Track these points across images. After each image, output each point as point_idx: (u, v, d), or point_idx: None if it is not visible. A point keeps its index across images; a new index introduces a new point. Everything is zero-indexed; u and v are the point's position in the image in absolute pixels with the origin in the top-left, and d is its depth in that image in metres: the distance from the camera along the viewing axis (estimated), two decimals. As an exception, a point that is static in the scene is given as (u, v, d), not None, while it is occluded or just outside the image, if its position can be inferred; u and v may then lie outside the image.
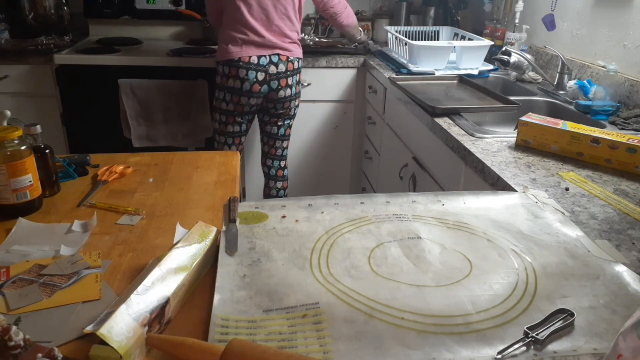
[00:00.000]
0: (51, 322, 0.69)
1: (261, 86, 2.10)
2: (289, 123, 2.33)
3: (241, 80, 2.07)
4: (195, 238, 0.80)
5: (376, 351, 0.64)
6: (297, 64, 2.18)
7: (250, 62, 2.05)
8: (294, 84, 2.19)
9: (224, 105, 2.17)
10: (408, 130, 1.94)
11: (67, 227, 0.94)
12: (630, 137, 1.22)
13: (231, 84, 2.09)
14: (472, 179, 1.32)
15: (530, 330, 0.68)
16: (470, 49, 2.19)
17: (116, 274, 0.80)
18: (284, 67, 2.13)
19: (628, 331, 0.53)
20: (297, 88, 2.22)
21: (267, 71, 2.09)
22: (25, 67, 2.41)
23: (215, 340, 0.65)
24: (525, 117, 1.35)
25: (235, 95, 2.11)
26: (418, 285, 0.77)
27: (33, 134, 1.02)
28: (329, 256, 0.84)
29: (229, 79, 2.09)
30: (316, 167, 2.79)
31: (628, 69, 1.74)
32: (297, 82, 2.21)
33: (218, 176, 1.18)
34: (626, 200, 1.07)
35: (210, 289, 0.76)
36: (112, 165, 1.18)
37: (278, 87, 2.14)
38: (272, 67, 2.09)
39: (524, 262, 0.84)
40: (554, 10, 2.12)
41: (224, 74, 2.10)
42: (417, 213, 0.99)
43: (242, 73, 2.06)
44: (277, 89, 2.14)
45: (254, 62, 2.06)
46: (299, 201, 1.03)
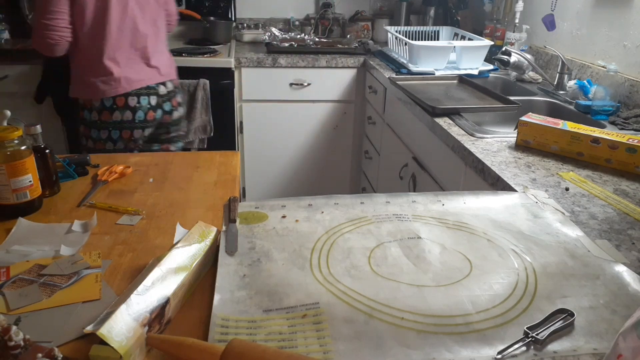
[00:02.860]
0: (51, 322, 0.69)
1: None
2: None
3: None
4: (195, 238, 0.80)
5: (376, 351, 0.64)
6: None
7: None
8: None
9: None
10: (408, 130, 1.94)
11: (67, 227, 0.94)
12: (630, 137, 1.22)
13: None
14: (472, 179, 1.32)
15: (530, 330, 0.68)
16: (470, 49, 2.19)
17: (116, 274, 0.80)
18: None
19: (628, 331, 0.53)
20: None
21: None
22: (25, 67, 2.41)
23: (215, 340, 0.65)
24: (525, 117, 1.35)
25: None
26: (418, 285, 0.77)
27: (33, 134, 1.02)
28: (329, 256, 0.84)
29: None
30: (316, 167, 2.79)
31: (628, 69, 1.74)
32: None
33: (218, 176, 1.17)
34: (626, 200, 1.07)
35: (210, 289, 0.76)
36: (112, 165, 1.18)
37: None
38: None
39: (524, 262, 0.84)
40: (554, 10, 2.12)
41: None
42: (417, 213, 0.99)
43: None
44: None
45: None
46: (299, 201, 1.03)
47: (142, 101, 1.83)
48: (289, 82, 2.56)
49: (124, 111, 1.80)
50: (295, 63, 2.53)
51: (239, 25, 3.01)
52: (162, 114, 1.91)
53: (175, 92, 1.96)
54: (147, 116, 1.84)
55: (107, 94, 1.76)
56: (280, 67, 2.53)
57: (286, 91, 2.58)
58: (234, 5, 2.87)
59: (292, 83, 2.57)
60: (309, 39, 2.73)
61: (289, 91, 2.59)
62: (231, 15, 2.87)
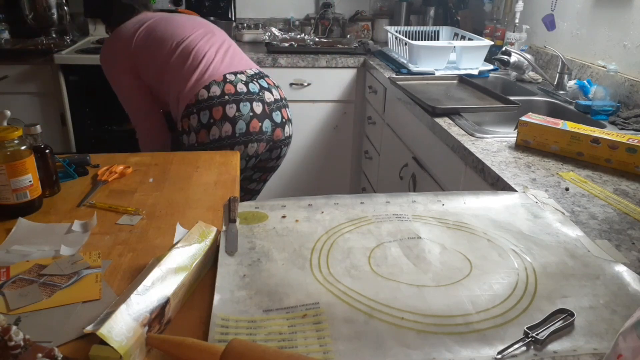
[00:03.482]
0: (51, 322, 0.69)
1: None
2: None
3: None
4: (195, 238, 0.80)
5: (376, 351, 0.64)
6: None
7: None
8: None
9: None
10: (408, 130, 1.94)
11: (67, 227, 0.94)
12: (630, 137, 1.22)
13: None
14: (472, 179, 1.32)
15: (530, 330, 0.68)
16: (470, 49, 2.19)
17: (116, 274, 0.80)
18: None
19: (628, 331, 0.53)
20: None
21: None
22: (25, 67, 2.41)
23: (215, 340, 0.65)
24: (525, 117, 1.35)
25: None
26: (418, 285, 0.77)
27: (33, 134, 1.02)
28: (329, 256, 0.84)
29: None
30: (316, 167, 2.79)
31: (628, 69, 1.74)
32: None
33: (218, 176, 1.17)
34: (626, 200, 1.07)
35: (210, 289, 0.76)
36: (112, 165, 1.18)
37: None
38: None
39: (524, 262, 0.84)
40: (554, 10, 2.12)
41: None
42: (417, 213, 0.99)
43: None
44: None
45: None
46: (299, 201, 1.03)
47: (243, 109, 1.55)
48: (289, 82, 2.56)
49: (222, 124, 1.53)
50: (295, 63, 2.52)
51: (239, 25, 3.01)
52: (273, 128, 1.64)
53: (284, 103, 1.72)
54: (249, 128, 1.56)
55: (202, 83, 1.55)
56: (280, 67, 2.52)
57: (286, 91, 2.56)
58: (234, 5, 2.87)
59: (292, 83, 2.57)
60: (309, 39, 2.73)
61: (289, 91, 2.59)
62: (231, 15, 2.87)
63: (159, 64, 1.63)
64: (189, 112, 1.57)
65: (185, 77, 1.58)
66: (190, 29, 1.67)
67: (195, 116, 1.55)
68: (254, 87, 1.61)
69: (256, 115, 1.58)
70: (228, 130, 1.54)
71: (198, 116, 1.55)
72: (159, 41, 1.63)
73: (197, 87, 1.56)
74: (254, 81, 1.63)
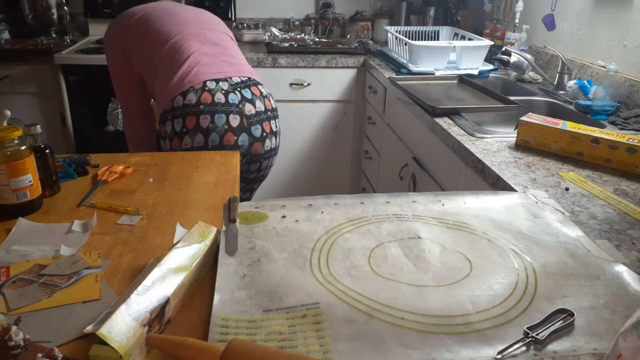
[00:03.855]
0: (51, 322, 0.69)
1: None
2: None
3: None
4: (195, 238, 0.80)
5: (376, 351, 0.64)
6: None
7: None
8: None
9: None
10: (408, 130, 1.94)
11: (67, 227, 0.94)
12: (630, 137, 1.22)
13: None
14: (472, 179, 1.32)
15: (530, 330, 0.68)
16: (470, 49, 2.19)
17: (116, 274, 0.80)
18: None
19: (628, 331, 0.53)
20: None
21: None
22: (25, 67, 2.41)
23: (215, 340, 0.65)
24: (525, 117, 1.35)
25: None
26: (418, 285, 0.77)
27: (33, 134, 1.02)
28: (329, 256, 0.84)
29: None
30: (316, 167, 2.79)
31: (628, 69, 1.74)
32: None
33: (218, 176, 1.17)
34: (626, 200, 1.07)
35: (210, 289, 0.76)
36: (112, 165, 1.18)
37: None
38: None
39: (524, 262, 0.84)
40: (554, 10, 2.12)
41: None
42: (417, 213, 0.99)
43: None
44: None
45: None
46: (299, 201, 1.03)
47: (218, 121, 1.48)
48: (289, 82, 2.56)
49: (195, 135, 1.48)
50: (295, 63, 2.52)
51: (239, 25, 3.01)
52: (250, 142, 1.56)
53: (269, 115, 1.62)
54: (223, 141, 1.50)
55: (180, 88, 1.50)
56: (280, 67, 2.53)
57: (286, 91, 2.58)
58: (234, 5, 2.87)
59: (292, 83, 2.57)
60: (309, 39, 2.73)
61: (289, 91, 2.59)
62: (231, 15, 2.87)
63: (147, 55, 1.58)
64: (164, 117, 1.52)
65: (167, 78, 1.53)
66: (184, 25, 1.60)
67: (170, 123, 1.50)
68: (234, 97, 1.52)
69: (232, 129, 1.50)
70: (200, 141, 1.49)
71: (172, 123, 1.50)
72: (151, 32, 1.59)
73: (174, 91, 1.50)
74: (236, 91, 1.54)
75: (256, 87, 1.61)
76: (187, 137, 1.49)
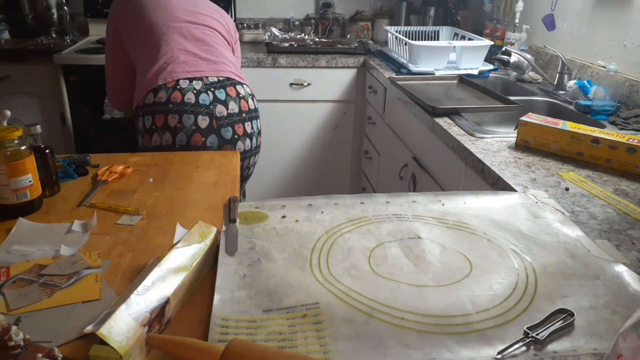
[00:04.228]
0: (51, 322, 0.69)
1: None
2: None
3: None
4: (195, 238, 0.80)
5: (376, 351, 0.64)
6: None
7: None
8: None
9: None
10: (408, 130, 1.94)
11: (67, 227, 0.94)
12: (630, 137, 1.22)
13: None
14: (472, 179, 1.32)
15: (530, 330, 0.68)
16: (470, 49, 2.19)
17: (116, 274, 0.80)
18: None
19: (628, 331, 0.53)
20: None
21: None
22: (25, 67, 2.41)
23: (215, 340, 0.65)
24: (525, 117, 1.35)
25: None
26: (418, 285, 0.77)
27: (33, 134, 1.02)
28: (329, 256, 0.84)
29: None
30: (316, 167, 2.79)
31: (628, 69, 1.74)
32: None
33: (218, 176, 1.17)
34: (626, 200, 1.07)
35: (210, 289, 0.76)
36: (112, 165, 1.18)
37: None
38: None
39: (524, 262, 0.84)
40: (554, 10, 2.12)
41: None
42: (417, 213, 0.99)
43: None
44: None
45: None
46: (299, 201, 1.03)
47: (185, 121, 1.47)
48: (289, 82, 2.56)
49: (163, 133, 1.48)
50: (295, 63, 2.53)
51: (239, 25, 3.00)
52: (220, 143, 1.53)
53: (244, 117, 1.58)
54: (190, 141, 1.48)
55: (152, 84, 1.50)
56: (280, 67, 2.53)
57: (286, 91, 2.58)
58: (234, 5, 2.88)
59: (292, 83, 2.57)
60: (309, 39, 2.73)
61: (289, 91, 2.59)
62: (231, 15, 2.87)
63: (135, 41, 1.58)
64: (137, 113, 1.53)
65: (144, 70, 1.52)
66: (172, 17, 1.58)
67: (141, 119, 1.51)
68: (206, 98, 1.50)
69: (199, 130, 1.49)
70: (168, 140, 1.49)
71: (143, 120, 1.51)
72: (140, 17, 1.58)
73: (146, 87, 1.50)
74: (209, 91, 1.52)
75: (233, 87, 1.58)
76: (156, 135, 1.49)
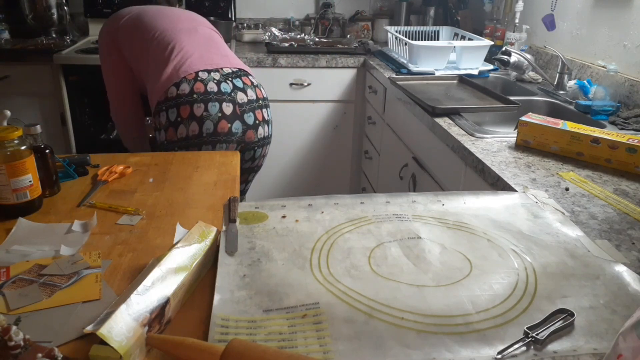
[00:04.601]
0: (51, 322, 0.69)
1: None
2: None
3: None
4: (195, 238, 0.80)
5: (376, 351, 0.64)
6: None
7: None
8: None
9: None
10: (408, 130, 1.94)
11: (67, 227, 0.94)
12: (630, 137, 1.22)
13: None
14: (472, 179, 1.32)
15: (530, 330, 0.68)
16: (470, 49, 2.19)
17: (116, 274, 0.80)
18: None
19: (628, 331, 0.53)
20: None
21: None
22: (25, 67, 2.41)
23: (215, 340, 0.65)
24: (525, 117, 1.35)
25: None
26: (418, 285, 0.77)
27: (33, 134, 1.02)
28: (329, 256, 0.84)
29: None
30: (316, 167, 2.79)
31: (628, 69, 1.74)
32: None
33: (218, 176, 1.17)
34: (626, 200, 1.07)
35: (210, 289, 0.76)
36: (112, 165, 1.18)
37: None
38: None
39: (524, 262, 0.84)
40: (554, 10, 2.12)
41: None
42: (417, 213, 0.99)
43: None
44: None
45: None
46: (299, 201, 1.03)
47: (211, 109, 1.51)
48: (289, 82, 2.56)
49: (189, 123, 1.51)
50: (295, 63, 2.53)
51: (239, 25, 3.01)
52: (244, 129, 1.58)
53: (261, 103, 1.65)
54: (217, 128, 1.52)
55: (173, 80, 1.53)
56: (280, 67, 2.53)
57: (286, 91, 2.58)
58: (234, 5, 2.87)
59: (292, 83, 2.57)
60: (309, 39, 2.73)
61: (289, 91, 2.59)
62: (231, 15, 2.87)
63: (140, 48, 1.63)
64: (158, 109, 1.55)
65: (159, 70, 1.56)
66: (176, 21, 1.67)
67: (164, 114, 1.53)
68: (226, 86, 1.56)
69: (225, 116, 1.53)
70: (195, 130, 1.51)
71: (167, 114, 1.53)
72: (143, 27, 1.65)
73: (167, 83, 1.53)
74: (228, 80, 1.57)
75: (247, 77, 1.65)
76: (182, 126, 1.52)
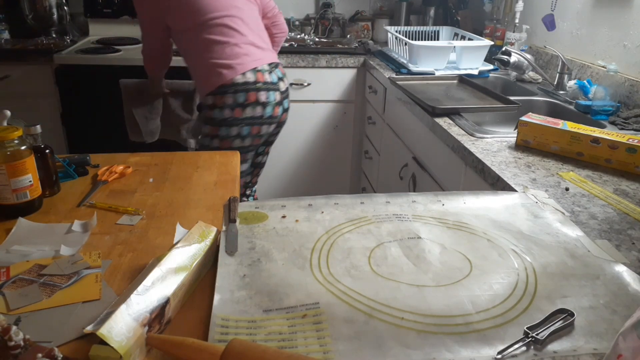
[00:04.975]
0: (51, 322, 0.69)
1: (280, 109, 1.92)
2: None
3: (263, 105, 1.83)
4: (195, 238, 0.80)
5: (376, 351, 0.64)
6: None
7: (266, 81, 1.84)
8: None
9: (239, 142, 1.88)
10: (408, 130, 1.94)
11: (67, 227, 0.94)
12: (630, 137, 1.22)
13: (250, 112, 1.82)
14: (472, 179, 1.32)
15: (530, 330, 0.68)
16: (470, 49, 2.19)
17: (116, 274, 0.80)
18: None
19: (628, 331, 0.53)
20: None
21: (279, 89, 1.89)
22: (25, 67, 2.41)
23: (215, 340, 0.65)
24: (525, 117, 1.35)
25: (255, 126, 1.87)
26: (418, 285, 0.77)
27: (33, 134, 1.02)
28: (329, 256, 0.84)
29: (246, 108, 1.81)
30: (316, 167, 2.79)
31: (628, 69, 1.74)
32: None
33: (218, 176, 1.18)
34: (626, 200, 1.07)
35: (210, 289, 0.76)
36: (112, 165, 1.18)
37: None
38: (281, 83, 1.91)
39: (524, 262, 0.84)
40: (554, 10, 2.12)
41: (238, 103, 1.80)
42: (417, 213, 0.99)
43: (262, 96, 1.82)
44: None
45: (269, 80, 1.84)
46: (299, 201, 1.03)
47: (270, 97, 1.86)
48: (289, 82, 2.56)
49: (255, 107, 1.82)
50: (295, 63, 2.53)
51: (239, 25, 3.00)
52: (282, 112, 1.96)
53: (288, 93, 1.99)
54: (273, 112, 1.89)
55: (243, 68, 1.78)
56: (280, 67, 2.52)
57: (286, 91, 2.58)
58: (234, 5, 2.87)
59: (292, 83, 2.56)
60: (309, 39, 2.73)
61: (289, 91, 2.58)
62: (231, 15, 2.87)
63: (191, 26, 1.79)
64: (223, 90, 1.77)
65: (220, 56, 1.78)
66: (227, 5, 1.81)
67: (231, 96, 1.77)
68: (274, 77, 1.87)
69: (277, 103, 1.88)
70: (259, 112, 1.82)
71: (234, 96, 1.77)
72: (195, 5, 1.77)
73: (236, 71, 1.77)
74: (273, 72, 1.87)
75: (280, 68, 1.96)
76: (249, 108, 1.81)
